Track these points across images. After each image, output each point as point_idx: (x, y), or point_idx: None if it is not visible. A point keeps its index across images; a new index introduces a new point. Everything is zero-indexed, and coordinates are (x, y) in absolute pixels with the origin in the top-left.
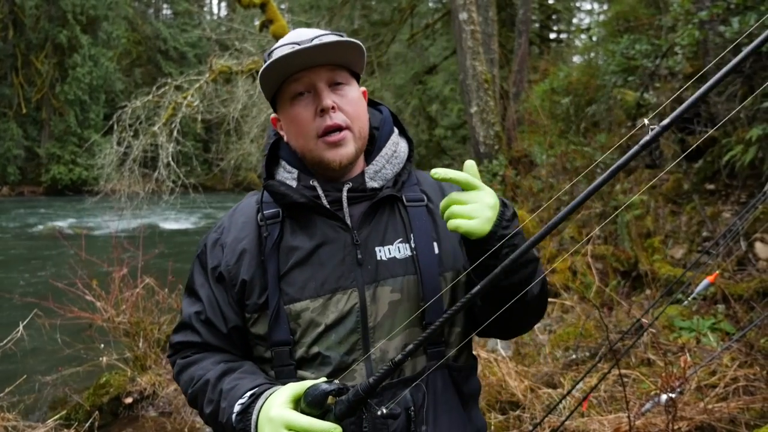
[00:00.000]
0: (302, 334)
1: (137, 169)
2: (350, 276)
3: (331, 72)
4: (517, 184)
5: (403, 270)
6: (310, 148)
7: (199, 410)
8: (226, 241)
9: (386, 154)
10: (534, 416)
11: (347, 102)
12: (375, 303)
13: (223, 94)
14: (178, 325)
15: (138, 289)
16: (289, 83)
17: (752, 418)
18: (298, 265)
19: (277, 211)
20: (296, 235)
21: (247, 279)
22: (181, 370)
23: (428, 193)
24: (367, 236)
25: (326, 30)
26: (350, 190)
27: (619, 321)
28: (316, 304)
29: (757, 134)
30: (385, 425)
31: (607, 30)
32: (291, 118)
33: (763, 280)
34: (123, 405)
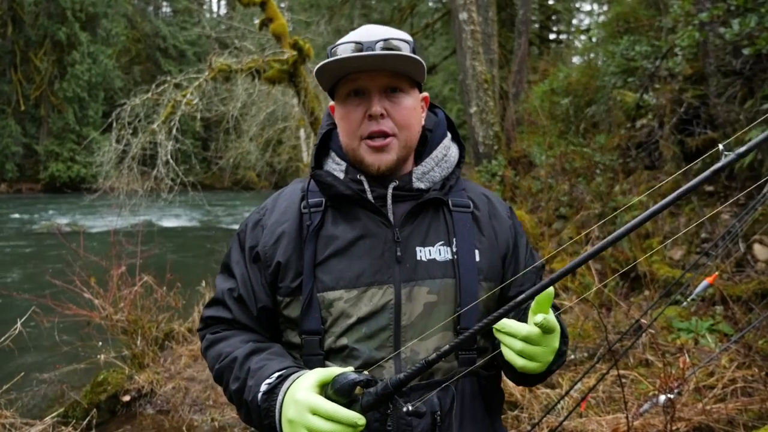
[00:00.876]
0: (332, 323)
1: (136, 167)
2: (388, 272)
3: (389, 78)
4: (516, 185)
5: (441, 272)
6: (353, 147)
7: (223, 386)
8: (267, 223)
9: (436, 156)
10: (532, 416)
11: (398, 110)
12: (410, 302)
13: (223, 93)
14: (211, 300)
15: (136, 287)
16: (345, 81)
17: (750, 419)
18: (336, 255)
19: (320, 200)
20: (337, 224)
21: (282, 261)
22: (210, 344)
23: (475, 200)
24: (408, 235)
25: (395, 32)
26: (396, 188)
27: (618, 322)
28: (350, 295)
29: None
30: (410, 427)
31: (606, 31)
32: (341, 115)
33: (762, 281)
34: (121, 403)
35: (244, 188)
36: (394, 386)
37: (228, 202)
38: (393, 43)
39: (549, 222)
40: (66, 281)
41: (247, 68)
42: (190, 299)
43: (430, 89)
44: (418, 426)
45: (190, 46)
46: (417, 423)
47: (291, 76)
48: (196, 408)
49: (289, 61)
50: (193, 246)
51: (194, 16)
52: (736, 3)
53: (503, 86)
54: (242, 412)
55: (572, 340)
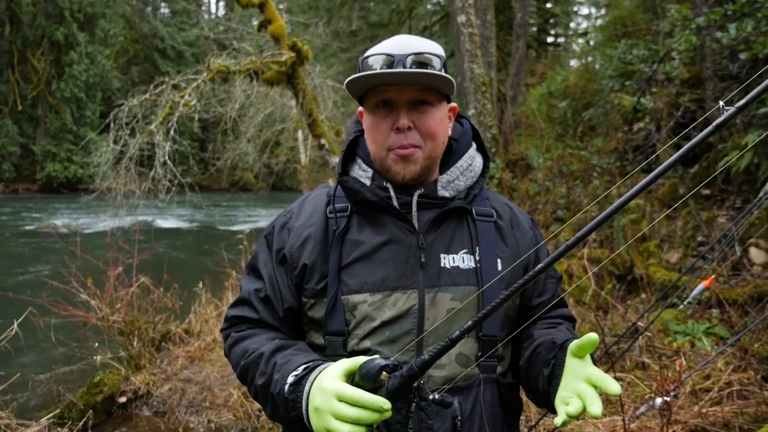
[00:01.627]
0: (356, 326)
1: (133, 168)
2: (412, 277)
3: (418, 92)
4: (513, 188)
5: (465, 280)
6: (380, 156)
7: (248, 383)
8: (294, 226)
9: (461, 166)
10: (529, 419)
11: (424, 122)
12: (434, 307)
13: (221, 94)
14: (237, 300)
15: (133, 288)
16: (375, 92)
17: (746, 422)
18: (361, 259)
19: (346, 206)
20: (363, 230)
21: (309, 263)
22: (235, 342)
23: (498, 210)
24: (432, 242)
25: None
26: (421, 195)
27: (615, 324)
28: (374, 299)
29: (753, 140)
30: (430, 430)
31: (604, 35)
32: (369, 124)
33: (758, 285)
34: (117, 404)
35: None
36: (420, 367)
37: (225, 203)
38: (424, 58)
39: (546, 225)
40: (62, 282)
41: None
42: (187, 300)
43: None
44: (440, 429)
45: (188, 47)
46: (438, 426)
47: (289, 77)
48: (193, 409)
49: (288, 63)
50: (191, 247)
51: (192, 17)
52: (733, 8)
53: (501, 89)
54: (268, 407)
55: None
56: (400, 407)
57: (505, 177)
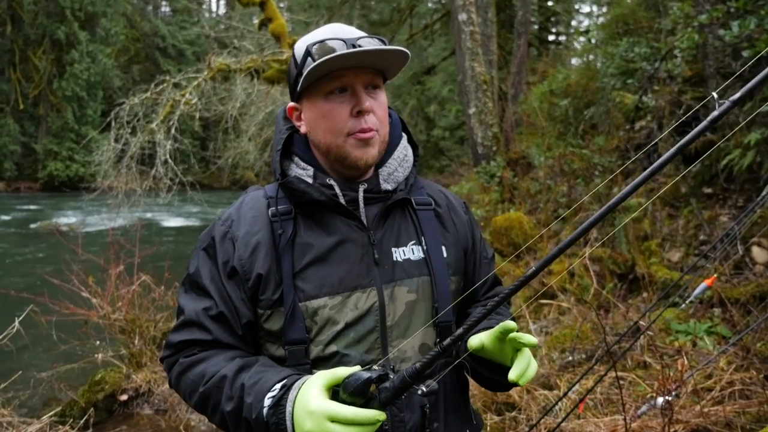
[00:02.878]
0: (318, 332)
1: (134, 167)
2: (369, 275)
3: (372, 75)
4: (514, 186)
5: (418, 271)
6: (338, 144)
7: (210, 411)
8: (237, 235)
9: (398, 157)
10: (530, 418)
11: (378, 106)
12: (393, 302)
13: (221, 92)
14: (181, 323)
15: (134, 286)
16: (328, 79)
17: (748, 421)
18: (315, 262)
19: (289, 208)
20: (312, 232)
21: (263, 273)
22: (186, 368)
23: (435, 198)
24: (382, 237)
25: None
26: (366, 190)
27: (616, 323)
28: (334, 302)
29: (756, 138)
30: (403, 423)
31: (606, 32)
32: (324, 112)
33: (760, 284)
34: (118, 402)
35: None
36: (411, 377)
37: (226, 201)
38: (375, 40)
39: (547, 223)
40: (64, 280)
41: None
42: None
43: (429, 90)
44: (410, 420)
45: (189, 46)
46: (409, 417)
47: None
48: None
49: (288, 61)
50: (192, 245)
51: (193, 15)
52: (735, 5)
53: (502, 87)
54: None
55: (570, 341)
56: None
57: (506, 175)
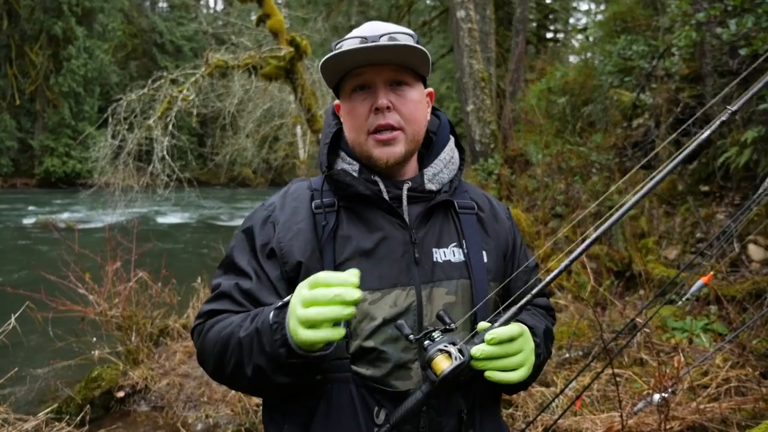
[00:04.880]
0: (357, 325)
1: (132, 163)
2: (409, 274)
3: (394, 72)
4: (512, 183)
5: (458, 273)
6: (360, 142)
7: (228, 355)
8: (279, 219)
9: (444, 158)
10: (527, 414)
11: (404, 103)
12: (431, 303)
13: (219, 89)
14: (215, 294)
15: (131, 283)
16: (350, 77)
17: (744, 418)
18: (356, 256)
19: (332, 201)
20: (354, 226)
21: (304, 261)
22: (209, 328)
23: (478, 203)
24: (423, 236)
25: (398, 27)
26: (410, 189)
27: (613, 321)
28: (373, 297)
29: (752, 136)
30: (440, 428)
31: (604, 30)
32: (348, 110)
33: (756, 281)
34: (115, 399)
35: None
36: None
37: (224, 198)
38: (397, 37)
39: (545, 221)
40: (60, 276)
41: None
42: (185, 295)
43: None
44: (447, 425)
45: (186, 42)
46: (446, 423)
47: (288, 72)
48: (191, 404)
49: (286, 58)
50: (189, 242)
51: (191, 11)
52: (733, 3)
53: (500, 85)
54: (252, 357)
55: (567, 338)
56: None
57: (503, 173)
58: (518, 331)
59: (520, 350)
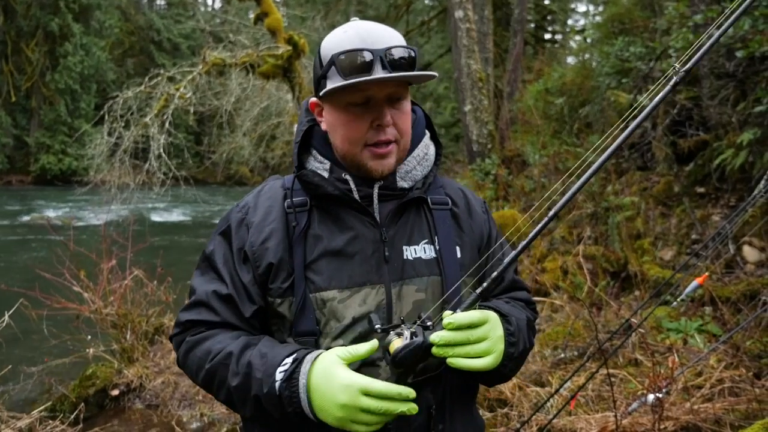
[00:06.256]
0: (326, 323)
1: (128, 160)
2: (379, 272)
3: (395, 87)
4: (509, 184)
5: (428, 270)
6: (354, 153)
7: (216, 387)
8: (252, 221)
9: (418, 155)
10: (522, 414)
11: (401, 116)
12: (400, 301)
13: (216, 87)
14: (191, 303)
15: (126, 281)
16: (351, 91)
17: (737, 418)
18: (326, 255)
19: (305, 200)
20: (325, 225)
21: (275, 262)
22: (192, 346)
23: (452, 197)
24: (394, 234)
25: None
26: (381, 187)
27: (608, 321)
28: (343, 296)
29: (748, 138)
30: (408, 423)
31: (601, 32)
32: (342, 122)
33: (751, 283)
34: (109, 397)
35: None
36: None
37: (220, 197)
38: (403, 51)
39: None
40: (55, 274)
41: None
42: (180, 293)
43: (425, 87)
44: (415, 420)
45: (184, 40)
46: (414, 418)
47: (285, 71)
48: (186, 403)
49: (284, 56)
50: (185, 240)
51: (189, 9)
52: (730, 6)
53: (498, 85)
54: (247, 408)
55: (563, 338)
56: None
57: (500, 173)
58: (479, 317)
59: (485, 337)
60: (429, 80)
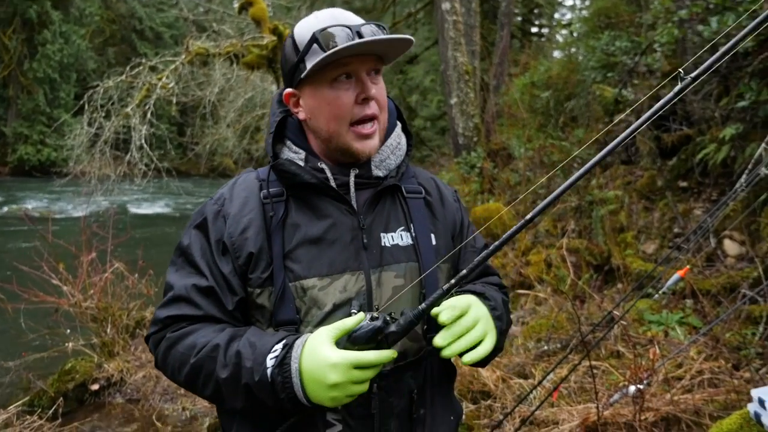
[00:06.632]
0: (307, 312)
1: (108, 151)
2: (358, 258)
3: (374, 61)
4: (494, 177)
5: (406, 257)
6: (340, 133)
7: (201, 382)
8: (229, 212)
9: (391, 144)
10: (505, 406)
11: (380, 91)
12: (380, 287)
13: (200, 77)
14: (170, 298)
15: (107, 274)
16: (335, 66)
17: (716, 409)
18: (305, 243)
19: (281, 190)
20: (302, 214)
21: (255, 252)
22: (173, 342)
23: (425, 186)
24: (371, 222)
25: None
26: (357, 176)
27: (591, 314)
28: (323, 283)
29: (731, 133)
30: (391, 408)
31: (588, 26)
32: (329, 100)
33: (731, 276)
34: (89, 392)
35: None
36: (417, 317)
37: (204, 189)
38: (375, 27)
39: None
40: (33, 267)
41: (225, 52)
42: (162, 286)
43: (411, 79)
44: (398, 405)
45: (166, 29)
46: (397, 402)
47: (270, 61)
48: (167, 397)
49: (269, 47)
50: (167, 233)
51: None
52: (714, 1)
53: (484, 78)
54: (238, 399)
55: (546, 331)
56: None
57: (486, 166)
58: (464, 304)
59: (477, 320)
60: (408, 47)
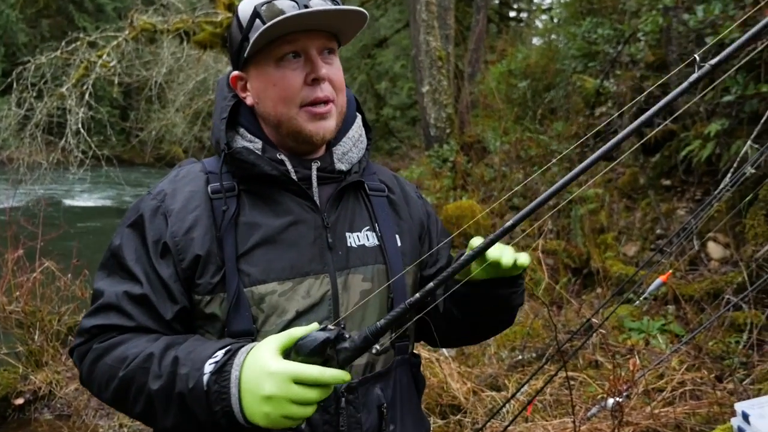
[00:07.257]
0: (265, 321)
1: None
2: (322, 260)
3: (326, 39)
4: (468, 172)
5: (373, 259)
6: (290, 116)
7: (132, 397)
8: (172, 209)
9: (353, 136)
10: (476, 421)
11: (334, 72)
12: (347, 291)
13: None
14: (98, 306)
15: (35, 274)
16: (280, 43)
17: (698, 423)
18: (262, 244)
19: (232, 184)
20: (258, 210)
21: (202, 254)
22: (101, 354)
23: (387, 184)
24: (336, 220)
25: None
26: (319, 169)
27: (569, 320)
28: (284, 288)
29: (716, 129)
30: (359, 424)
31: (569, 11)
32: (274, 80)
33: (714, 281)
34: (12, 407)
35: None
36: (374, 335)
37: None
38: (325, 1)
39: (501, 213)
40: None
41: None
42: None
43: (380, 65)
44: (367, 421)
45: (109, 1)
46: (365, 418)
47: (225, 40)
48: (102, 412)
49: (224, 24)
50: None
51: None
52: None
53: (458, 65)
54: (171, 413)
55: (521, 339)
56: (327, 405)
57: (459, 160)
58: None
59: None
60: (363, 22)
